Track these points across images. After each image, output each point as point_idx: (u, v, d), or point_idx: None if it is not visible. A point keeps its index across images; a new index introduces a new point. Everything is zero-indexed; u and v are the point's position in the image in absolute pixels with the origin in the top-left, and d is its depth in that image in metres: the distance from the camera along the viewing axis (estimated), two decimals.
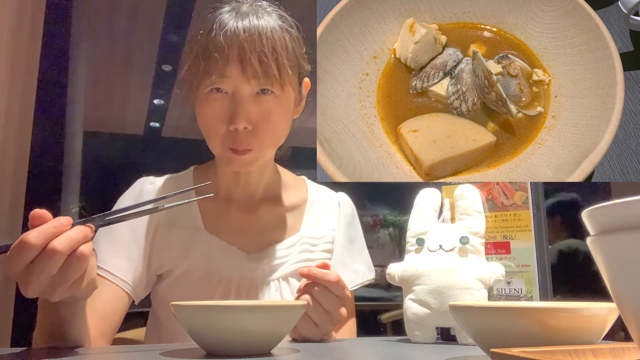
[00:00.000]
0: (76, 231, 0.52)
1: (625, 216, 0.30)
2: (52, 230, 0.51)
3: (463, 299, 0.68)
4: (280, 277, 0.87)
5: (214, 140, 0.82)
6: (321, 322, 0.70)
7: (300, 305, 0.58)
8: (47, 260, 0.50)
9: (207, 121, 0.81)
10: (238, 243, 0.87)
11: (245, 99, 0.79)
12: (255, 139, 0.81)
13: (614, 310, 0.47)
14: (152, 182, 0.92)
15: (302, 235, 0.92)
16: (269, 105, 0.81)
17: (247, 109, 0.79)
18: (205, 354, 0.56)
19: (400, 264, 0.74)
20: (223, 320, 0.53)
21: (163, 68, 3.99)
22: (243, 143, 0.80)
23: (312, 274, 0.69)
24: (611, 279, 0.33)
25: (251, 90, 0.80)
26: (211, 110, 0.80)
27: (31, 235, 0.49)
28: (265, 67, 0.78)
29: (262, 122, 0.80)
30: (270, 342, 0.57)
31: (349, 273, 0.94)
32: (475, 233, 0.73)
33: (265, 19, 0.80)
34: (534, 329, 0.46)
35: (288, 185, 0.97)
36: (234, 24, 0.78)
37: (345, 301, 0.71)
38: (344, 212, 0.99)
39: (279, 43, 0.79)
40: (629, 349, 0.41)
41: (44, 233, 0.50)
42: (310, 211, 0.96)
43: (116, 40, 3.67)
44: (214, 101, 0.80)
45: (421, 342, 0.70)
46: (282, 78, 0.79)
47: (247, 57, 0.77)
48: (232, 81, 0.79)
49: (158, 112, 5.06)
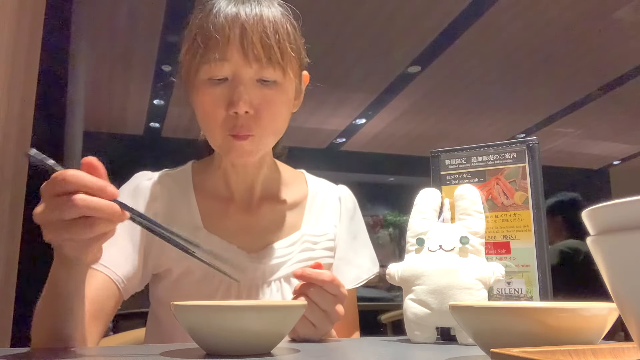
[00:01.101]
0: (106, 205, 0.52)
1: (625, 216, 0.30)
2: (90, 185, 0.51)
3: (463, 299, 0.67)
4: (281, 277, 0.86)
5: (213, 127, 0.79)
6: (319, 322, 0.70)
7: (300, 305, 0.58)
8: (63, 204, 0.50)
9: (206, 107, 0.78)
10: (238, 242, 0.85)
11: (247, 83, 0.77)
12: (257, 124, 0.78)
13: (614, 310, 0.47)
14: (150, 178, 0.90)
15: (303, 234, 0.90)
16: (271, 91, 0.78)
17: (249, 92, 0.76)
18: (205, 354, 0.56)
19: (400, 264, 0.74)
20: (223, 320, 0.53)
21: (163, 68, 3.99)
22: (244, 128, 0.77)
23: (306, 274, 0.69)
24: (611, 279, 0.33)
25: (253, 75, 0.77)
26: (210, 95, 0.77)
27: (71, 173, 0.51)
28: (267, 50, 0.75)
29: (263, 107, 0.78)
30: (270, 342, 0.57)
31: (352, 269, 0.93)
32: (475, 233, 0.73)
33: (267, 5, 0.78)
34: (534, 329, 0.46)
35: (287, 181, 0.95)
36: (234, 7, 0.76)
37: (342, 299, 0.71)
38: (345, 207, 0.97)
39: (281, 28, 0.77)
40: (629, 349, 0.41)
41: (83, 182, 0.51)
42: (311, 208, 0.94)
43: (116, 40, 3.67)
44: (213, 87, 0.77)
45: (421, 342, 0.70)
46: (284, 62, 0.77)
47: (249, 38, 0.74)
48: (233, 65, 0.76)
49: (158, 112, 5.07)
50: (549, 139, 5.85)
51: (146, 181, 0.89)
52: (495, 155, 0.77)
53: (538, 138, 0.76)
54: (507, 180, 0.76)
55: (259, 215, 0.89)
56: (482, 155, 0.78)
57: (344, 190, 1.00)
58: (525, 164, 0.75)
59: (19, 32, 1.43)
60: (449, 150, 0.80)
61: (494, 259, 0.75)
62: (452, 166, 0.80)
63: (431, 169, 0.81)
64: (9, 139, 1.37)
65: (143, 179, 0.89)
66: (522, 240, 0.74)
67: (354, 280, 0.92)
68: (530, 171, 0.75)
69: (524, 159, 0.75)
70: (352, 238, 0.96)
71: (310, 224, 0.92)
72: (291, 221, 0.91)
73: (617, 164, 6.93)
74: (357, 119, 5.50)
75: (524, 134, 5.69)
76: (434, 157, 0.81)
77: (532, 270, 0.73)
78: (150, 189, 0.87)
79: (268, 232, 0.89)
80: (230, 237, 0.85)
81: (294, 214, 0.92)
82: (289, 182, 0.95)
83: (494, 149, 0.78)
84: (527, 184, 0.75)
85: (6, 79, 1.33)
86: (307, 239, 0.90)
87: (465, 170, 0.79)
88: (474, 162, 0.79)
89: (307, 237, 0.90)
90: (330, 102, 4.90)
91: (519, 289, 0.73)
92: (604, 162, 6.89)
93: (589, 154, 6.54)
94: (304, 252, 0.89)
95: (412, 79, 4.49)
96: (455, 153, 0.80)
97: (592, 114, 5.21)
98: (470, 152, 0.79)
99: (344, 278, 0.91)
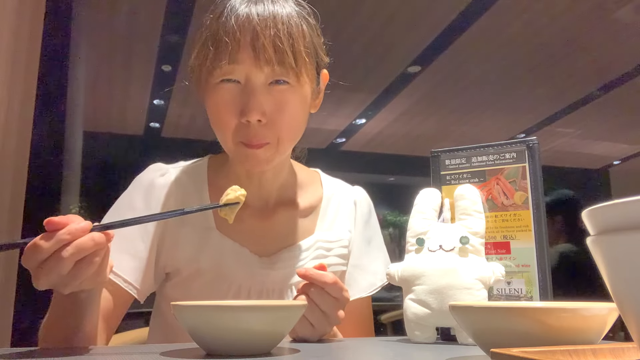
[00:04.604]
0: (88, 240, 0.54)
1: (625, 216, 0.30)
2: (64, 237, 0.53)
3: (463, 299, 0.67)
4: (293, 284, 0.84)
5: (225, 135, 0.76)
6: (317, 323, 0.69)
7: (300, 305, 0.58)
8: (56, 264, 0.52)
9: (217, 113, 0.76)
10: (250, 246, 0.83)
11: (259, 89, 0.74)
12: (272, 132, 0.75)
13: (614, 310, 0.47)
14: (163, 174, 0.87)
15: (317, 239, 0.88)
16: (284, 96, 0.75)
17: (260, 99, 0.73)
18: (205, 354, 0.56)
19: (400, 264, 0.74)
20: (223, 320, 0.53)
21: (163, 68, 3.99)
22: (258, 137, 0.74)
23: (308, 274, 0.69)
24: (611, 279, 0.33)
25: (265, 80, 0.74)
26: (222, 101, 0.75)
27: (43, 241, 0.52)
28: (280, 54, 0.72)
29: (277, 113, 0.75)
30: (270, 342, 0.57)
31: (366, 277, 0.90)
32: (475, 233, 0.73)
33: (281, 4, 0.75)
34: (534, 329, 0.46)
35: (303, 184, 0.92)
36: (246, 8, 0.73)
37: (344, 303, 0.71)
38: (360, 212, 0.94)
39: (296, 29, 0.74)
40: (629, 349, 0.41)
41: (57, 239, 0.52)
42: (325, 212, 0.91)
43: (116, 40, 3.67)
44: (225, 91, 0.75)
45: (421, 342, 0.70)
46: (298, 66, 0.74)
47: (260, 42, 0.72)
48: (244, 69, 0.73)
49: (158, 112, 5.07)
50: (549, 139, 5.84)
51: (160, 178, 0.86)
52: (495, 155, 0.77)
53: (538, 138, 0.76)
54: (507, 180, 0.76)
55: (274, 220, 0.87)
56: (482, 155, 0.78)
57: (360, 194, 0.97)
58: (525, 164, 0.75)
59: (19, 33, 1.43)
60: (449, 150, 0.80)
61: (494, 259, 0.75)
62: (452, 166, 0.80)
63: (431, 169, 0.81)
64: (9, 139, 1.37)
65: (157, 174, 0.87)
66: (522, 240, 0.74)
67: (367, 288, 0.90)
68: (530, 171, 0.75)
69: (524, 159, 0.75)
70: (366, 243, 0.93)
71: (324, 228, 0.90)
72: (305, 226, 0.89)
73: (617, 164, 6.93)
74: (357, 119, 5.50)
75: (524, 134, 5.69)
76: (434, 157, 0.81)
77: (532, 270, 0.73)
78: (164, 187, 0.85)
79: (281, 237, 0.86)
80: (243, 240, 0.83)
81: (308, 218, 0.90)
82: (304, 184, 0.92)
83: (494, 149, 0.78)
84: (527, 184, 0.75)
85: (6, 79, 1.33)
86: (320, 245, 0.88)
87: (465, 170, 0.79)
88: (474, 162, 0.79)
89: (320, 244, 0.88)
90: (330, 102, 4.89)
91: (519, 289, 0.73)
92: (604, 162, 6.89)
93: (589, 154, 6.54)
94: (317, 259, 0.86)
95: (412, 79, 4.49)
96: (455, 153, 0.80)
97: (592, 114, 5.21)
98: (470, 152, 0.79)
99: (357, 286, 0.89)
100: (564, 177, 6.13)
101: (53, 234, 0.53)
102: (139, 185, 0.86)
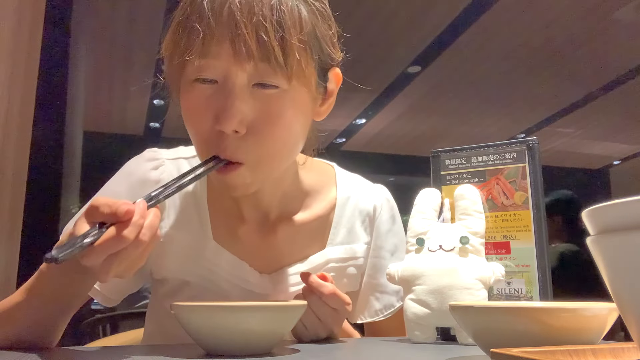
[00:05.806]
0: (154, 218, 0.51)
1: (625, 216, 0.30)
2: (141, 222, 0.50)
3: (463, 299, 0.67)
4: None
5: (198, 145, 0.63)
6: (311, 327, 0.68)
7: (300, 306, 0.58)
8: (134, 250, 0.49)
9: (190, 118, 0.62)
10: (250, 260, 0.74)
11: (238, 91, 0.59)
12: (252, 148, 0.60)
13: (614, 310, 0.47)
14: (157, 167, 0.75)
15: (328, 258, 0.77)
16: (272, 101, 0.60)
17: (239, 105, 0.58)
18: (205, 354, 0.56)
19: (400, 264, 0.74)
20: (223, 320, 0.53)
21: (163, 68, 3.98)
22: (230, 151, 0.60)
23: (309, 281, 0.67)
24: (611, 279, 0.33)
25: (247, 80, 0.59)
26: (194, 104, 0.61)
27: (127, 231, 0.48)
28: (264, 48, 0.56)
29: (261, 124, 0.60)
30: (270, 342, 0.57)
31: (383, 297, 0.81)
32: (475, 233, 0.73)
33: None
34: (534, 329, 0.46)
35: (312, 191, 0.79)
36: None
37: (344, 315, 0.69)
38: (380, 219, 0.82)
39: (289, 16, 0.58)
40: (629, 349, 0.41)
41: (135, 225, 0.49)
42: (339, 220, 0.79)
43: (116, 40, 3.67)
44: (198, 92, 0.60)
45: (421, 342, 0.70)
46: (287, 64, 0.58)
47: (240, 32, 0.56)
48: (221, 65, 0.59)
49: (158, 112, 5.07)
50: (549, 139, 5.85)
51: (152, 171, 0.74)
52: (495, 155, 0.77)
53: (538, 138, 0.76)
54: (507, 180, 0.76)
55: (275, 235, 0.76)
56: (482, 155, 0.78)
57: (381, 196, 0.84)
58: (525, 164, 0.75)
59: (19, 32, 1.43)
60: (449, 150, 0.80)
61: (494, 259, 0.75)
62: (452, 166, 0.80)
63: (431, 169, 0.81)
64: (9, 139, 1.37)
65: (149, 166, 0.75)
66: (522, 240, 0.74)
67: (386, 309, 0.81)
68: (530, 171, 0.75)
69: (524, 159, 0.75)
70: (388, 254, 0.82)
71: (337, 241, 0.79)
72: (314, 239, 0.78)
73: (617, 164, 6.94)
74: (357, 119, 5.51)
75: (524, 134, 5.69)
76: (434, 157, 0.81)
77: (532, 270, 0.73)
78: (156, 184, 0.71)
79: (285, 253, 0.76)
80: (241, 254, 0.74)
81: (318, 229, 0.78)
82: (314, 191, 0.80)
83: (494, 149, 0.78)
84: (527, 184, 0.75)
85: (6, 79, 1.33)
86: (332, 267, 0.77)
87: (465, 170, 0.79)
88: (474, 162, 0.79)
89: (332, 265, 0.77)
90: None
91: (519, 289, 0.73)
92: (604, 162, 6.89)
93: (589, 154, 6.55)
94: None
95: (412, 79, 4.49)
96: (455, 153, 0.80)
97: (592, 114, 5.21)
98: (470, 152, 0.79)
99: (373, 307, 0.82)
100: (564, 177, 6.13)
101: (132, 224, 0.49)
102: (127, 177, 0.75)
